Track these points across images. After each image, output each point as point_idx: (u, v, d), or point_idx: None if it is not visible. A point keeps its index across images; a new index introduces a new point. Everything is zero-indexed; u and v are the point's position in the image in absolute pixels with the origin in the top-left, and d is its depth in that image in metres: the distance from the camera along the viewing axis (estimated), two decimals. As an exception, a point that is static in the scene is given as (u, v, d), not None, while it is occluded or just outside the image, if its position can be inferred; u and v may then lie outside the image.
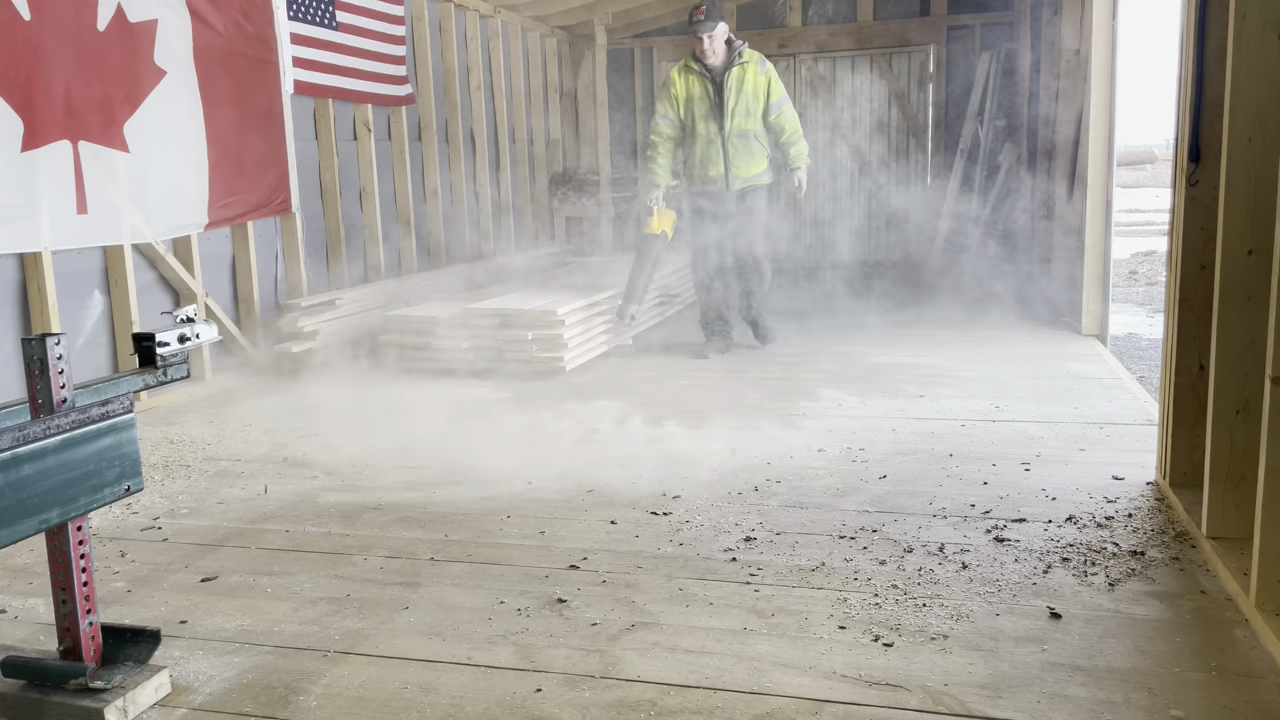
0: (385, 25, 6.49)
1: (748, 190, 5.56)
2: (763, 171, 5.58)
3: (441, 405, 4.66)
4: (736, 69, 5.41)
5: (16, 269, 4.19)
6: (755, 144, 5.50)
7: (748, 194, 5.57)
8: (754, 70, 5.43)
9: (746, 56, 5.43)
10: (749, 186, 5.55)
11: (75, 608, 1.99)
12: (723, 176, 5.51)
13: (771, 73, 5.48)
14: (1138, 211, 16.77)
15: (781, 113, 5.49)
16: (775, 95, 5.47)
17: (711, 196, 5.58)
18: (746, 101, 5.43)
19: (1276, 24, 2.35)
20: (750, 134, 5.47)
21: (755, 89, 5.43)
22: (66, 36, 4.13)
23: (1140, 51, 17.89)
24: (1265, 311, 2.37)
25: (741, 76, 5.41)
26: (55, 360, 1.90)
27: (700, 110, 5.48)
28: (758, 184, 5.58)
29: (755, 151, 5.51)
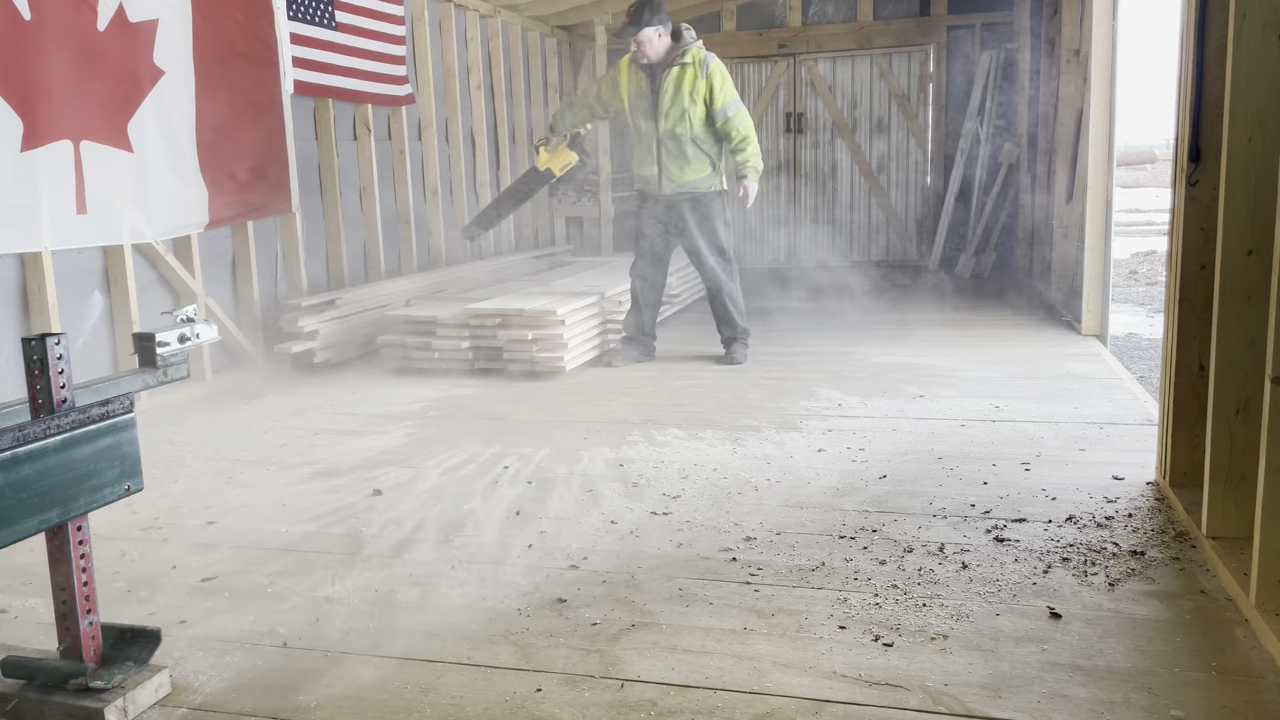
0: (385, 25, 6.49)
1: (688, 198, 5.33)
2: (703, 178, 5.29)
3: (441, 405, 4.66)
4: (675, 69, 5.17)
5: (16, 269, 4.19)
6: (692, 148, 5.23)
7: (687, 201, 5.33)
8: (693, 72, 5.15)
9: (689, 57, 5.17)
10: (687, 194, 5.32)
11: (75, 608, 1.99)
12: (655, 178, 5.35)
13: (717, 75, 5.16)
14: (1138, 211, 16.77)
15: (729, 119, 5.18)
16: (721, 100, 5.16)
17: (647, 197, 5.47)
18: (682, 104, 5.16)
19: (1276, 24, 2.35)
20: (685, 138, 5.21)
21: (693, 91, 5.15)
22: (67, 36, 4.13)
23: (1140, 51, 17.87)
24: (1265, 311, 2.37)
25: (679, 77, 5.17)
26: (55, 360, 1.90)
27: (640, 107, 5.30)
28: (697, 191, 5.31)
29: (691, 156, 5.24)
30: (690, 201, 5.35)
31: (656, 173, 5.33)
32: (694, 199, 5.34)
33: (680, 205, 5.36)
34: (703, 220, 5.36)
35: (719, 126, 5.22)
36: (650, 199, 5.44)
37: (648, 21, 5.10)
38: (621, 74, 5.36)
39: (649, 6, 5.10)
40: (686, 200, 5.35)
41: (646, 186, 5.43)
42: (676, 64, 5.17)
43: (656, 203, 5.41)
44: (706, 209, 5.35)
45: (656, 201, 5.41)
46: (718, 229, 5.38)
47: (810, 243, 9.87)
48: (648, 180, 5.40)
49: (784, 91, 9.66)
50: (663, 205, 5.40)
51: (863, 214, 9.69)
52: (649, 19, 5.10)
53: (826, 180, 9.71)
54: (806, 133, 9.68)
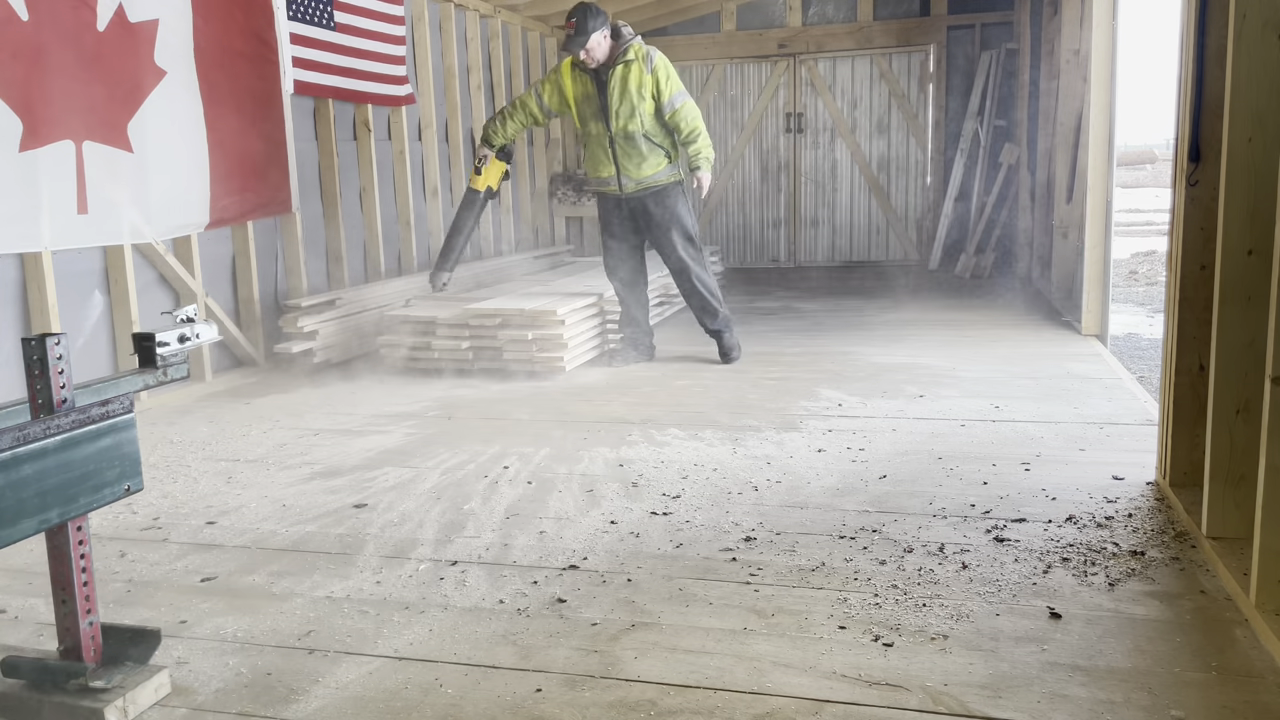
0: (385, 25, 6.49)
1: (648, 193, 5.34)
2: (660, 172, 5.31)
3: (441, 405, 4.66)
4: (619, 68, 5.14)
5: (16, 269, 4.19)
6: (645, 144, 5.23)
7: (649, 197, 5.34)
8: (638, 69, 5.12)
9: (631, 54, 5.13)
10: (646, 189, 5.33)
11: (75, 608, 1.99)
12: (614, 178, 5.35)
13: (661, 69, 5.14)
14: (1138, 211, 16.77)
15: (676, 111, 5.16)
16: (668, 93, 5.14)
17: (607, 198, 5.46)
18: (631, 101, 5.16)
19: (1276, 24, 2.35)
20: (637, 135, 5.21)
21: (640, 88, 5.13)
22: (66, 37, 4.13)
23: (1140, 51, 17.89)
24: (1265, 311, 2.37)
25: (625, 75, 5.14)
26: (55, 360, 1.90)
27: (589, 110, 5.30)
28: (657, 185, 5.32)
29: (647, 152, 5.25)
30: (652, 196, 5.35)
31: (615, 173, 5.33)
32: (655, 193, 5.34)
33: (643, 201, 5.36)
34: (666, 212, 5.35)
35: (667, 119, 5.20)
36: (611, 200, 5.44)
37: (593, 28, 5.06)
38: (564, 78, 5.33)
39: (589, 13, 5.05)
40: (649, 195, 5.35)
41: (605, 187, 5.43)
42: (620, 62, 5.13)
43: (619, 203, 5.42)
44: (668, 200, 5.35)
45: (619, 202, 5.41)
46: (683, 217, 5.38)
47: (810, 243, 9.87)
48: (605, 181, 5.40)
49: (784, 91, 9.66)
50: (625, 204, 5.40)
51: (863, 214, 9.69)
52: (593, 25, 5.05)
53: (826, 180, 9.71)
54: (806, 133, 9.68)
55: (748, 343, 6.01)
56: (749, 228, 10.00)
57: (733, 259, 9.95)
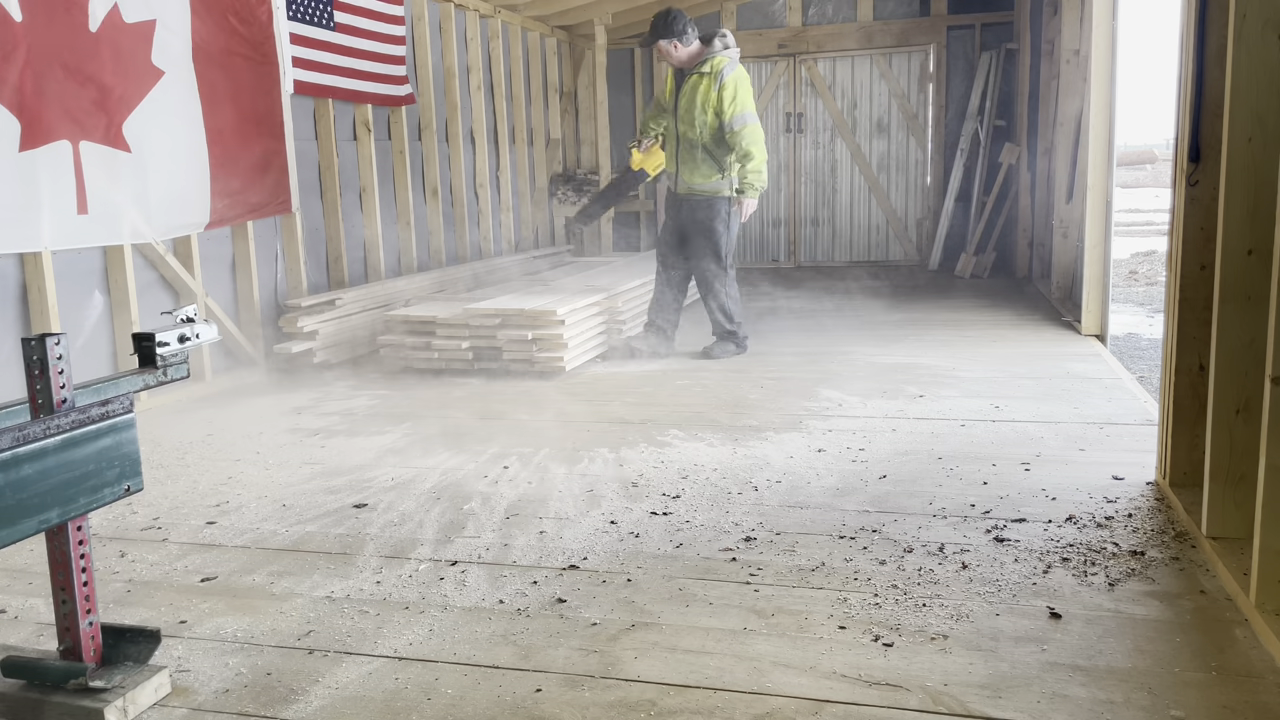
0: (385, 25, 6.49)
1: (692, 199, 5.48)
2: (707, 184, 5.43)
3: (440, 405, 4.66)
4: (694, 76, 5.37)
5: (16, 269, 4.19)
6: (700, 153, 5.40)
7: (693, 203, 5.48)
8: (708, 83, 5.31)
9: (708, 67, 5.33)
10: (692, 194, 5.48)
11: (75, 608, 1.99)
12: (674, 176, 5.63)
13: (729, 87, 5.25)
14: (1138, 211, 16.78)
15: (735, 133, 5.27)
16: (731, 112, 5.25)
17: (670, 193, 5.75)
18: (693, 111, 5.33)
19: (1276, 24, 2.35)
20: (695, 143, 5.38)
21: (704, 101, 5.31)
22: (60, 37, 4.12)
23: (1140, 51, 17.89)
24: (1265, 311, 2.37)
25: (696, 85, 5.35)
26: (55, 360, 1.90)
27: (669, 107, 5.59)
28: (702, 194, 5.45)
29: (700, 161, 5.41)
30: (695, 203, 5.50)
31: (674, 171, 5.61)
32: (698, 202, 5.50)
33: (688, 203, 5.54)
34: (702, 225, 5.50)
35: (727, 138, 5.32)
36: (671, 195, 5.73)
37: (661, 35, 5.36)
38: (668, 75, 5.66)
39: (663, 21, 5.37)
40: (692, 201, 5.52)
41: (670, 183, 5.75)
42: (696, 71, 5.38)
43: (675, 199, 5.66)
44: (707, 213, 5.48)
45: (675, 198, 5.66)
46: (716, 233, 5.48)
47: (810, 243, 9.87)
48: (670, 177, 5.71)
49: (784, 91, 9.66)
50: (677, 202, 5.64)
51: (863, 214, 9.69)
52: (662, 33, 5.37)
53: (826, 180, 9.71)
54: (806, 133, 9.68)
55: (746, 343, 6.02)
56: (749, 228, 10.00)
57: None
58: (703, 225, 5.49)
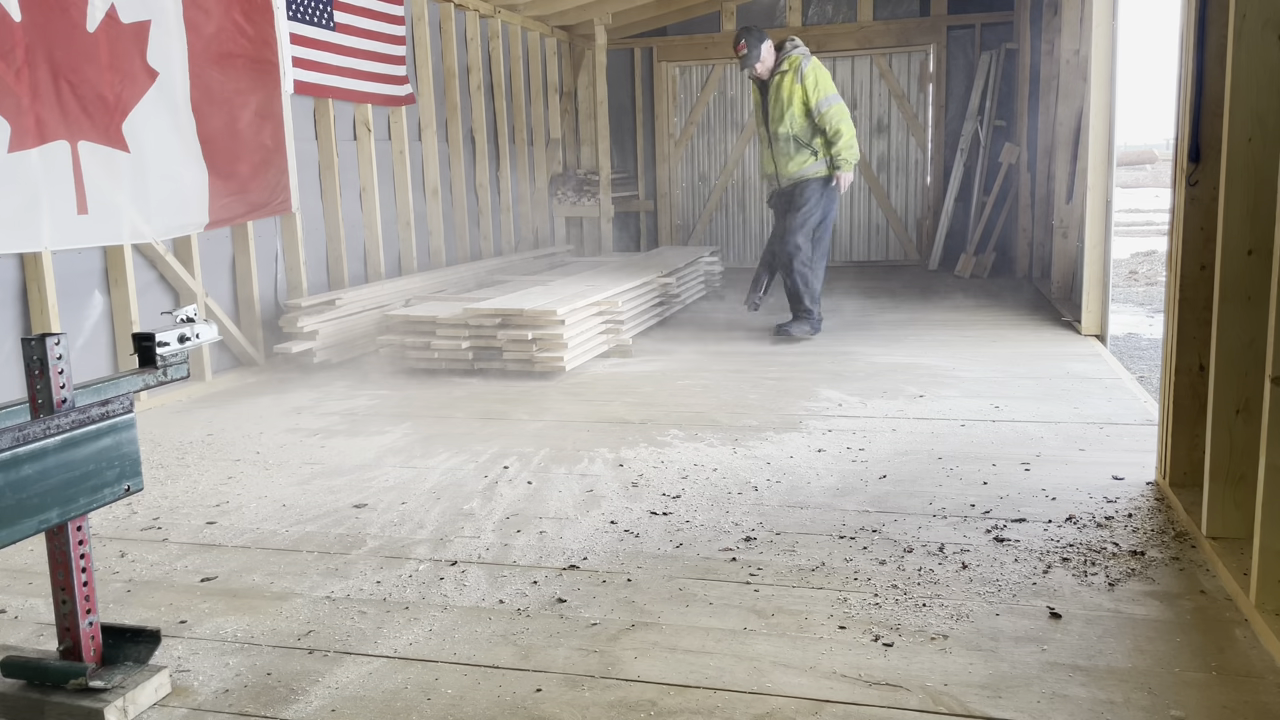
0: (385, 25, 6.49)
1: (795, 185, 6.01)
2: (805, 168, 5.96)
3: (440, 405, 4.66)
4: (777, 78, 5.91)
5: (16, 269, 4.19)
6: (794, 145, 5.93)
7: (795, 188, 6.01)
8: (790, 79, 5.85)
9: (786, 65, 5.88)
10: (795, 182, 6.00)
11: (75, 608, 1.99)
12: (775, 175, 6.13)
13: (809, 76, 5.82)
14: (1138, 211, 16.77)
15: (823, 114, 5.83)
16: (816, 98, 5.83)
17: (772, 192, 6.28)
18: (782, 108, 5.89)
19: (1276, 24, 2.36)
20: (788, 136, 5.92)
21: (790, 94, 5.86)
22: (57, 37, 4.12)
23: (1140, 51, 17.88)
24: (1265, 311, 2.37)
25: (780, 84, 5.90)
26: (55, 360, 1.90)
27: (758, 118, 6.17)
28: (804, 178, 5.98)
29: (794, 152, 5.95)
30: (797, 187, 6.03)
31: (775, 170, 6.11)
32: (800, 185, 6.02)
33: (789, 191, 6.08)
34: (801, 202, 6.00)
35: (816, 120, 5.88)
36: (774, 193, 6.25)
37: (758, 44, 5.92)
38: (753, 91, 6.23)
39: (753, 36, 5.92)
40: (795, 187, 6.05)
41: (770, 184, 6.25)
42: (778, 73, 5.92)
43: (780, 196, 6.17)
44: (806, 192, 6.00)
45: (780, 195, 6.17)
46: (811, 211, 5.99)
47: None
48: (770, 178, 6.20)
49: (784, 91, 9.64)
50: (782, 195, 6.15)
51: (863, 214, 9.69)
52: (758, 42, 5.92)
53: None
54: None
55: (746, 343, 6.02)
56: (749, 228, 10.00)
57: (733, 259, 9.95)
58: (795, 204, 6.01)
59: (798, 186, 6.00)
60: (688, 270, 7.44)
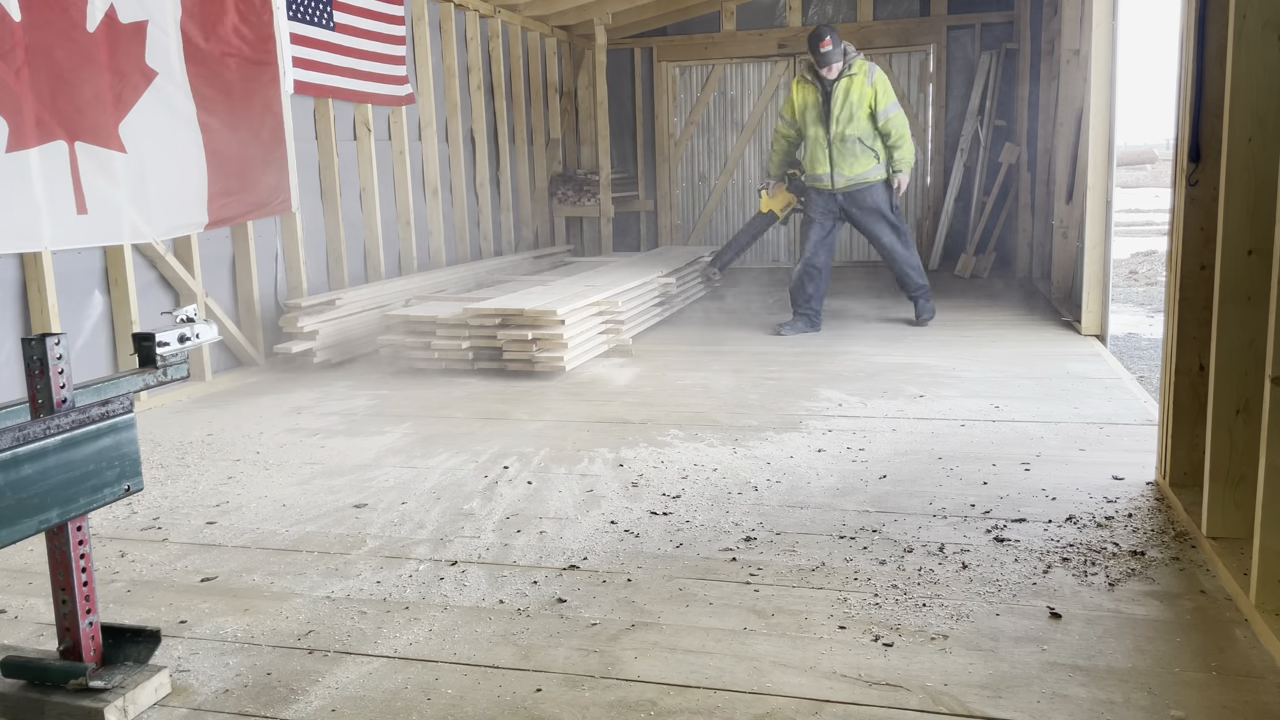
0: (384, 25, 6.49)
1: (857, 188, 6.18)
2: (869, 170, 6.16)
3: (440, 405, 4.66)
4: (844, 80, 6.04)
5: (16, 269, 4.19)
6: (860, 146, 6.10)
7: (858, 192, 6.19)
8: (860, 81, 6.03)
9: (855, 69, 6.04)
10: (857, 185, 6.17)
11: (75, 608, 1.99)
12: (828, 175, 6.21)
13: (880, 82, 6.04)
14: (1138, 211, 16.78)
15: (888, 120, 6.05)
16: (883, 104, 6.04)
17: (819, 191, 6.32)
18: (851, 109, 6.04)
19: (1276, 24, 2.36)
20: (854, 138, 6.08)
21: (860, 98, 6.03)
22: (56, 37, 4.12)
23: (1140, 51, 17.88)
24: (1265, 311, 2.37)
25: (848, 87, 6.04)
26: (55, 360, 1.91)
27: (811, 116, 6.19)
28: (867, 181, 6.17)
29: (859, 153, 6.11)
30: (861, 191, 6.19)
31: (829, 170, 6.20)
32: (864, 189, 6.19)
33: (852, 195, 6.22)
34: (873, 206, 6.22)
35: (879, 126, 6.08)
36: (823, 193, 6.32)
37: (839, 53, 6.00)
38: (794, 91, 6.30)
39: (836, 37, 5.98)
40: (858, 190, 6.19)
41: (818, 183, 6.30)
42: (845, 76, 6.05)
43: (830, 196, 6.29)
44: (874, 194, 6.21)
45: (829, 195, 6.28)
46: (885, 209, 6.25)
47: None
48: (820, 177, 6.26)
49: (784, 91, 9.65)
50: (834, 197, 6.28)
51: (863, 214, 9.67)
52: (839, 43, 6.00)
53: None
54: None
55: (746, 343, 6.02)
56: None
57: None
58: (873, 208, 6.22)
59: (860, 190, 6.18)
60: (688, 270, 7.44)
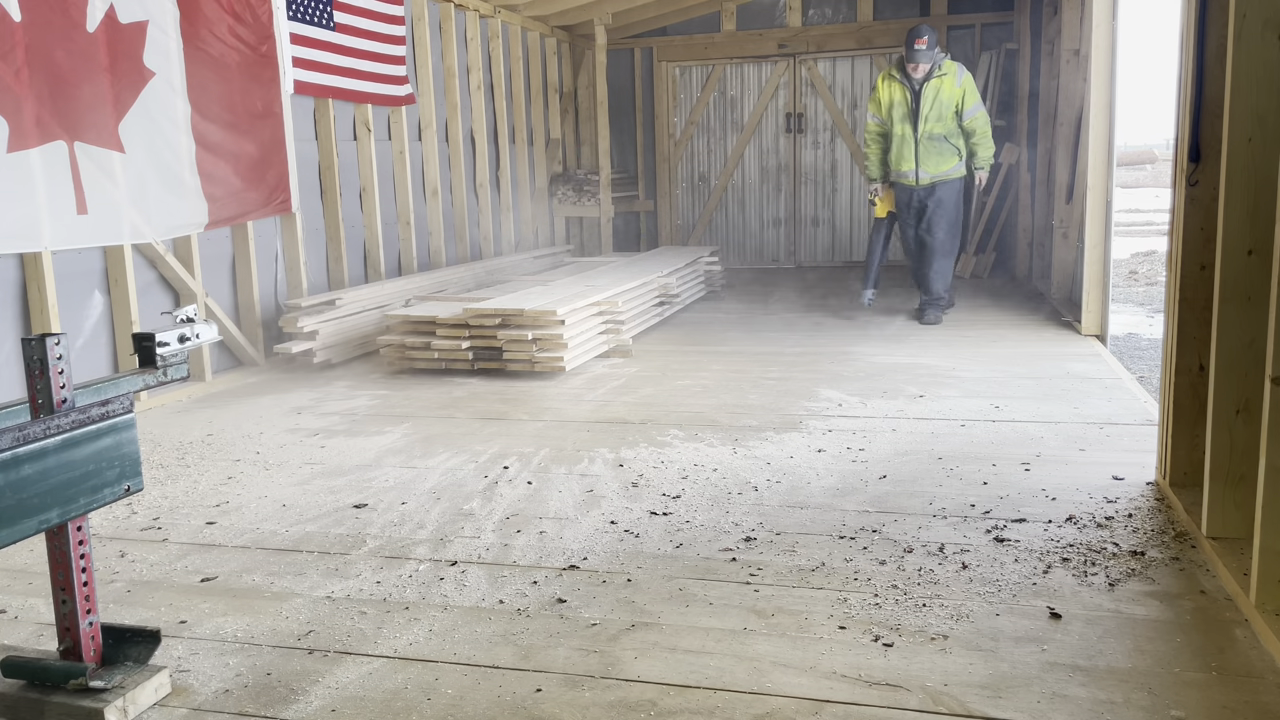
0: (384, 25, 6.49)
1: (938, 184, 6.34)
2: (953, 167, 6.33)
3: (440, 405, 4.66)
4: (934, 80, 6.21)
5: (16, 269, 4.19)
6: (945, 144, 6.28)
7: (938, 187, 6.35)
8: (950, 81, 6.20)
9: (945, 69, 6.21)
10: (939, 180, 6.34)
11: (75, 608, 1.99)
12: (913, 171, 6.36)
13: (967, 82, 6.23)
14: (1138, 211, 16.77)
15: (974, 118, 6.25)
16: (969, 103, 6.23)
17: (903, 188, 6.48)
18: (940, 108, 6.22)
19: (1276, 24, 2.36)
20: (941, 136, 6.26)
21: (950, 97, 6.21)
22: (56, 38, 4.12)
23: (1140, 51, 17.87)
24: (1265, 311, 2.37)
25: (938, 87, 6.21)
26: (55, 360, 1.90)
27: (898, 114, 6.34)
28: (948, 178, 6.35)
29: (945, 151, 6.30)
30: (941, 187, 6.37)
31: (914, 167, 6.36)
32: (944, 185, 6.37)
33: (933, 190, 6.37)
34: (946, 204, 6.38)
35: (964, 124, 6.28)
36: (906, 190, 6.46)
37: (936, 45, 6.16)
38: (880, 92, 6.44)
39: (934, 37, 6.15)
40: (939, 186, 6.36)
41: (903, 179, 6.46)
42: (935, 76, 6.22)
43: (911, 193, 6.44)
44: (952, 192, 6.40)
45: (912, 192, 6.44)
46: (955, 210, 6.42)
47: (810, 243, 9.87)
48: (905, 174, 6.43)
49: (784, 91, 9.66)
50: (916, 194, 6.42)
51: (863, 214, 9.68)
52: (936, 43, 6.16)
53: (826, 180, 9.71)
54: (806, 133, 9.68)
55: (746, 343, 6.02)
56: (749, 228, 10.00)
57: (733, 259, 9.95)
58: (947, 204, 6.38)
59: (939, 186, 6.33)
60: (688, 270, 7.44)
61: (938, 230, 6.40)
